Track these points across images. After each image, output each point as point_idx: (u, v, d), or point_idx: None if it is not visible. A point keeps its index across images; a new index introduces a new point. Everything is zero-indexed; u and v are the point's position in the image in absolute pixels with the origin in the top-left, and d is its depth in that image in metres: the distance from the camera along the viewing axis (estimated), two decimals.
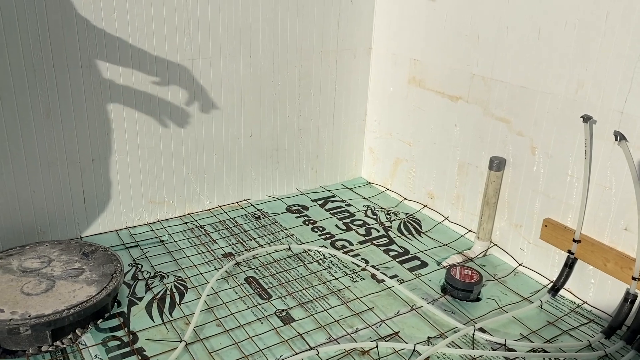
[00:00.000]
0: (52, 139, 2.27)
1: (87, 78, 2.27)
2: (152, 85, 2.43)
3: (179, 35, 2.42)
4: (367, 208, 2.91)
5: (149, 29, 2.34)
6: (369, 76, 3.08)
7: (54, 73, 2.20)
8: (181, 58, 2.46)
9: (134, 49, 2.33)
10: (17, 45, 2.09)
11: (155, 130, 2.50)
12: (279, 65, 2.74)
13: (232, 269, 2.28)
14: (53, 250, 2.19)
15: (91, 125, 2.34)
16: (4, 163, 2.20)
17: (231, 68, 2.61)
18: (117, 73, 2.32)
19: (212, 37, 2.51)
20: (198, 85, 2.54)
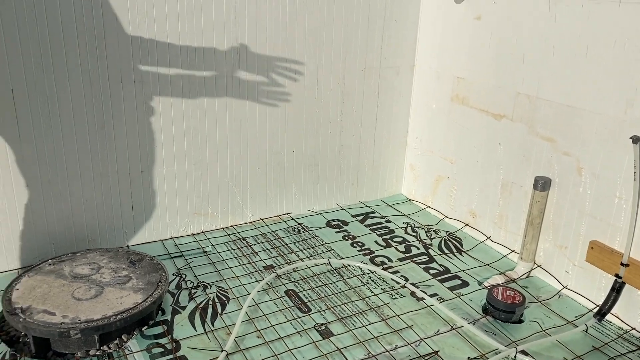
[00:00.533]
0: (105, 150, 2.37)
1: (139, 93, 2.37)
2: (200, 101, 2.51)
3: (227, 54, 2.50)
4: (407, 225, 2.90)
5: (199, 47, 2.43)
6: (411, 93, 3.09)
7: (109, 87, 2.30)
8: (228, 75, 2.53)
9: (183, 64, 2.42)
10: (76, 61, 2.20)
11: (202, 144, 2.58)
12: (322, 82, 2.79)
13: (272, 281, 2.31)
14: (102, 257, 2.27)
15: (141, 137, 2.43)
16: (60, 173, 2.31)
17: (276, 85, 2.67)
18: (167, 88, 2.41)
19: (259, 56, 2.57)
20: (244, 103, 2.61)
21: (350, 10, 2.74)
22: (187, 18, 2.36)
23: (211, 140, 2.60)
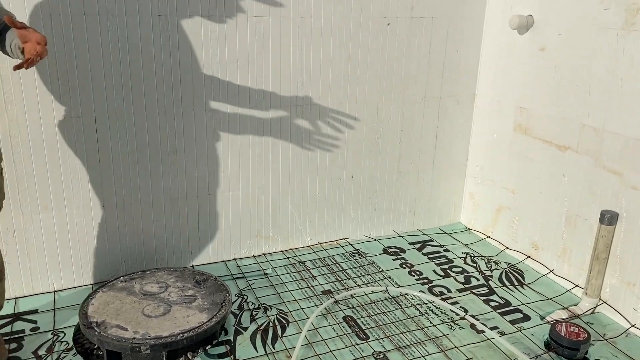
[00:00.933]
0: (176, 174, 2.50)
1: (209, 120, 2.49)
2: (265, 129, 2.61)
3: (293, 83, 2.59)
4: (466, 255, 2.88)
5: (266, 77, 2.54)
6: (471, 122, 3.09)
7: (182, 115, 2.44)
8: (293, 104, 2.63)
9: (251, 93, 2.53)
10: (153, 92, 2.36)
11: (266, 169, 2.67)
12: (383, 110, 2.84)
13: (331, 307, 2.35)
14: (170, 276, 2.38)
15: (210, 162, 2.55)
16: (134, 194, 2.45)
17: (337, 113, 2.74)
18: (235, 117, 2.53)
19: (322, 84, 2.66)
20: (306, 129, 2.70)
21: (411, 41, 2.79)
22: (255, 56, 2.48)
23: (274, 165, 2.69)
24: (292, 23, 2.52)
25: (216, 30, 2.39)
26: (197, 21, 2.35)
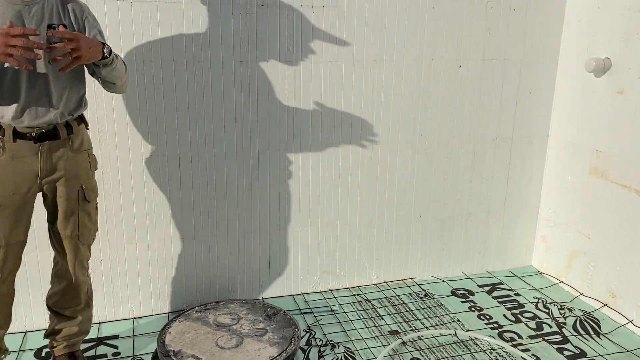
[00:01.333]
0: (250, 210, 2.61)
1: (282, 159, 2.60)
2: (336, 166, 2.68)
3: (364, 124, 2.67)
4: (538, 300, 2.79)
5: (338, 118, 2.62)
6: (544, 163, 3.04)
7: (258, 154, 2.56)
8: (364, 143, 2.69)
9: (323, 133, 2.62)
10: (232, 131, 2.49)
11: (334, 207, 2.74)
12: (453, 150, 2.85)
13: (398, 347, 2.35)
14: (242, 309, 2.47)
15: (282, 199, 2.65)
16: (210, 228, 2.57)
17: (406, 153, 2.78)
18: (307, 156, 2.62)
19: (393, 124, 2.71)
20: (375, 168, 2.75)
21: (483, 82, 2.80)
22: (328, 97, 2.58)
23: (343, 203, 2.75)
24: (365, 66, 2.60)
25: (292, 74, 2.51)
26: (275, 66, 2.48)
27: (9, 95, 1.71)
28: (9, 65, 1.66)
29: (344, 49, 2.55)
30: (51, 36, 1.67)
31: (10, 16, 1.67)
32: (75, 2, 1.81)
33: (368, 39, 2.57)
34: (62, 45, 1.65)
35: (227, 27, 2.38)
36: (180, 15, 2.31)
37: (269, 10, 2.41)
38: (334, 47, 2.53)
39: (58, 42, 1.69)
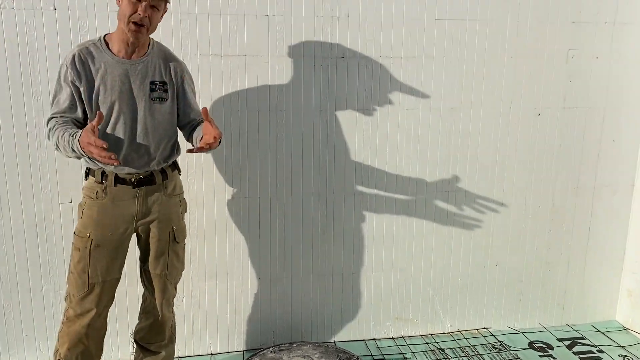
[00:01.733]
0: (324, 253, 2.67)
1: (357, 204, 2.65)
2: (410, 211, 2.70)
3: (440, 170, 2.68)
4: (624, 358, 2.64)
5: (414, 164, 2.65)
6: (630, 213, 2.91)
7: (333, 198, 2.62)
8: (439, 189, 2.70)
9: (398, 179, 2.66)
10: (309, 176, 2.58)
11: (408, 252, 2.74)
12: (531, 198, 2.80)
13: None
14: (315, 352, 2.50)
15: (356, 243, 2.69)
16: (285, 269, 2.65)
17: (483, 200, 2.75)
18: (382, 200, 2.66)
19: (469, 171, 2.71)
20: (451, 215, 2.74)
21: (563, 131, 2.75)
22: (404, 144, 2.62)
23: (417, 249, 2.75)
24: (442, 115, 2.63)
25: (369, 121, 2.58)
26: (352, 114, 2.56)
27: (112, 144, 1.88)
28: (111, 120, 1.84)
29: (421, 97, 2.60)
30: (209, 147, 1.79)
31: (119, 73, 1.85)
32: (175, 60, 1.98)
33: (445, 87, 2.61)
34: (209, 147, 1.78)
35: (308, 78, 2.50)
36: (266, 68, 2.45)
37: (349, 62, 2.51)
38: (411, 96, 2.59)
39: (158, 99, 1.87)
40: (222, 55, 2.41)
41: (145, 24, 1.80)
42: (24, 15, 2.22)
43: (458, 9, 2.54)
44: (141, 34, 1.82)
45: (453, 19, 2.55)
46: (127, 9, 1.78)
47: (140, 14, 1.78)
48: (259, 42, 2.42)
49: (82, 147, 1.68)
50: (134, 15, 1.78)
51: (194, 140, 1.97)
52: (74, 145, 1.72)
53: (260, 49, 2.43)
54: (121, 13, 1.81)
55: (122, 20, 1.81)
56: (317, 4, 2.43)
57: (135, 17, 1.78)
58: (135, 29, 1.80)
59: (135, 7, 1.78)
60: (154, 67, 1.91)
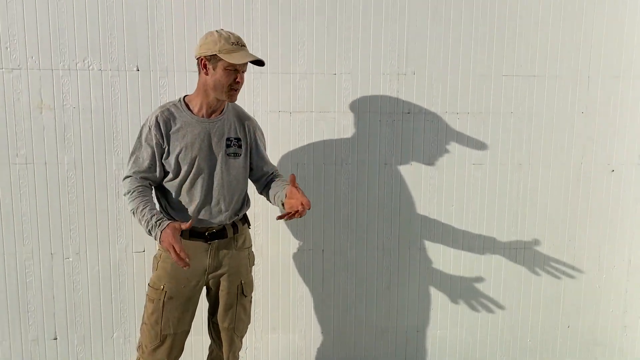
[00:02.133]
0: (388, 308, 2.63)
1: (423, 259, 2.61)
2: (477, 267, 2.63)
3: (507, 227, 2.62)
4: None
5: (481, 220, 2.61)
6: None
7: (398, 253, 2.60)
8: (507, 247, 2.63)
9: (465, 235, 2.61)
10: (373, 229, 2.58)
11: (475, 309, 2.66)
12: (606, 257, 2.68)
13: None
14: None
15: (421, 299, 2.64)
16: (348, 324, 2.62)
17: (553, 258, 2.66)
18: (448, 256, 2.62)
19: (538, 229, 2.63)
20: (519, 272, 2.65)
21: (627, 186, 2.64)
22: (470, 199, 2.59)
23: (484, 307, 2.66)
24: (509, 170, 2.59)
25: (435, 175, 2.57)
26: (418, 168, 2.56)
27: (188, 198, 1.95)
28: (190, 175, 1.92)
29: (488, 152, 2.58)
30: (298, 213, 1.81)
31: (198, 132, 1.94)
32: (248, 118, 2.06)
33: (513, 143, 2.58)
34: (299, 215, 1.82)
35: (374, 133, 2.53)
36: (333, 124, 2.51)
37: (414, 117, 2.53)
38: (477, 151, 2.57)
39: (233, 155, 1.94)
40: (291, 112, 2.49)
41: (240, 87, 1.92)
42: (109, 76, 2.38)
43: (526, 65, 2.53)
44: (236, 96, 1.94)
45: (521, 75, 2.54)
46: (225, 79, 1.88)
47: (240, 82, 1.89)
48: (326, 99, 2.49)
49: (162, 240, 1.79)
50: (234, 84, 1.89)
51: (272, 198, 2.01)
52: (152, 231, 1.82)
53: (327, 106, 2.49)
54: (217, 82, 1.89)
55: (218, 88, 1.90)
56: (383, 62, 2.49)
57: (235, 85, 1.89)
58: (233, 94, 1.92)
59: (234, 76, 1.89)
60: (229, 125, 2.00)
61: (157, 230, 1.81)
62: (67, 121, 2.39)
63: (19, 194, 2.42)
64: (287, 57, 2.44)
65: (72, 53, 2.35)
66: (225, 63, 1.86)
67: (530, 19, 2.51)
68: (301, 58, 2.45)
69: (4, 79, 2.34)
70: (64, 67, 2.35)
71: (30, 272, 2.47)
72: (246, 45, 1.92)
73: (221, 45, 1.85)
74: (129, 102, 2.40)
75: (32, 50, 2.34)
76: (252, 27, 2.41)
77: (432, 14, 2.47)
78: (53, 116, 2.38)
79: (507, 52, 2.52)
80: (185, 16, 2.38)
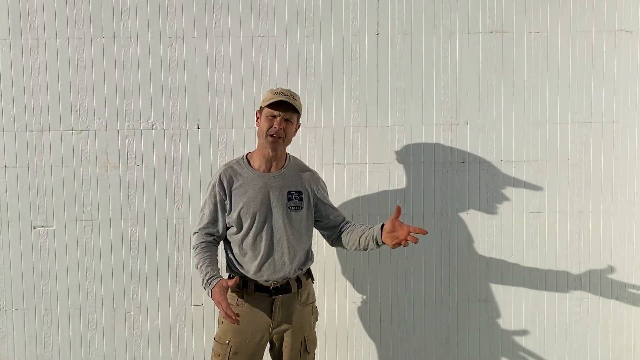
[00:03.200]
0: None
1: (483, 311, 2.55)
2: (541, 322, 2.55)
3: (570, 277, 2.54)
4: None
5: (541, 268, 2.54)
6: None
7: (457, 305, 2.55)
8: (571, 298, 2.54)
9: (525, 285, 2.54)
10: (431, 281, 2.54)
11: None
12: None
13: None
14: None
15: (482, 353, 2.56)
16: None
17: (620, 309, 2.55)
18: (509, 308, 2.55)
19: (602, 278, 2.54)
20: (585, 324, 2.56)
21: None
22: (530, 248, 2.54)
23: (549, 358, 2.57)
24: (569, 218, 2.54)
25: (492, 225, 2.54)
26: (474, 217, 2.54)
27: (252, 252, 1.98)
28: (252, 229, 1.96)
29: (547, 200, 2.53)
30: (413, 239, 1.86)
31: (259, 187, 1.98)
32: (309, 171, 2.10)
33: (572, 190, 2.53)
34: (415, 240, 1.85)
35: (428, 183, 2.53)
36: (387, 175, 2.53)
37: (469, 167, 2.53)
38: (535, 199, 2.53)
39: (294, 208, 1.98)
40: (345, 164, 2.52)
41: (281, 135, 1.95)
42: (171, 134, 2.47)
43: (582, 111, 2.52)
44: (278, 145, 1.97)
45: (577, 122, 2.52)
46: (264, 125, 1.96)
47: (276, 127, 1.94)
48: (379, 151, 2.52)
49: (212, 297, 1.85)
50: (271, 129, 1.94)
51: (359, 241, 2.00)
52: (206, 287, 1.90)
53: (381, 157, 2.52)
54: (260, 130, 1.98)
55: (261, 136, 1.98)
56: (436, 113, 2.51)
57: (272, 131, 1.94)
58: (273, 141, 1.95)
59: (271, 122, 1.95)
60: (290, 178, 2.04)
61: (208, 288, 1.88)
62: (130, 179, 2.48)
63: (84, 249, 2.50)
64: (340, 110, 2.50)
65: (137, 113, 2.46)
66: (265, 110, 1.96)
67: (583, 65, 2.51)
68: (355, 111, 2.50)
69: (73, 139, 2.46)
70: (129, 127, 2.47)
71: (93, 326, 2.52)
72: (291, 96, 1.97)
73: (265, 97, 1.99)
74: (189, 159, 2.48)
75: (100, 112, 2.46)
76: (306, 84, 2.48)
77: (483, 63, 2.50)
78: (118, 174, 2.48)
79: (561, 99, 2.51)
80: (243, 76, 2.47)
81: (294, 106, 1.95)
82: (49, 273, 2.50)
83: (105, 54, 2.44)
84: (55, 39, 2.43)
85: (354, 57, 2.49)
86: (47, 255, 2.50)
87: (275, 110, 1.94)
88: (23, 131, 2.45)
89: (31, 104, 2.45)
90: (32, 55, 2.43)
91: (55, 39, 2.43)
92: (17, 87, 2.44)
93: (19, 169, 2.46)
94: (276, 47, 2.47)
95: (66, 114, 2.45)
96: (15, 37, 2.43)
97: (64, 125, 2.46)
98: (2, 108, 2.44)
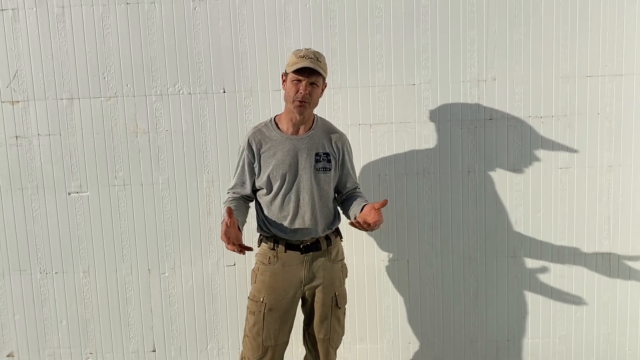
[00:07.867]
0: (476, 318, 2.60)
1: (511, 267, 2.57)
2: (569, 277, 2.56)
3: (599, 234, 2.54)
4: None
5: (570, 227, 2.54)
6: None
7: (485, 262, 2.57)
8: (599, 254, 2.54)
9: (555, 241, 2.54)
10: (459, 237, 2.56)
11: (568, 318, 2.59)
12: None
13: None
14: None
15: (510, 308, 2.59)
16: (437, 334, 2.61)
17: None
18: (537, 263, 2.56)
19: (632, 234, 2.53)
20: (614, 281, 2.56)
21: None
22: (558, 205, 2.53)
23: (577, 315, 2.58)
24: (599, 173, 2.51)
25: (520, 182, 2.53)
26: (502, 174, 2.53)
27: (282, 212, 2.02)
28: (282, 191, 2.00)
29: (576, 155, 2.51)
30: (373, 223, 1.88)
31: (287, 149, 2.01)
32: (337, 133, 2.11)
33: (602, 145, 2.50)
34: (368, 226, 1.88)
35: (456, 141, 2.52)
36: (413, 134, 2.52)
37: (497, 123, 2.51)
38: (564, 155, 2.51)
39: (322, 169, 2.00)
40: (371, 124, 2.52)
41: (307, 100, 1.96)
42: (198, 99, 2.49)
43: (613, 64, 2.46)
44: (304, 109, 1.97)
45: (607, 74, 2.47)
46: (290, 90, 1.96)
47: (302, 92, 1.94)
48: (406, 110, 2.51)
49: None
50: (297, 94, 1.94)
51: (350, 213, 2.06)
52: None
53: (407, 116, 2.51)
54: (286, 94, 1.98)
55: (288, 100, 1.99)
56: (462, 69, 2.48)
57: (298, 96, 1.94)
58: (299, 105, 1.96)
59: (297, 87, 1.95)
60: (318, 140, 2.05)
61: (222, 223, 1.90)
62: (160, 144, 2.52)
63: (117, 213, 2.56)
64: (366, 70, 2.48)
65: (164, 79, 2.48)
66: (290, 75, 1.95)
67: (615, 16, 2.44)
68: (380, 70, 2.48)
69: (102, 106, 2.50)
70: (157, 92, 2.49)
71: (129, 288, 2.61)
72: (316, 58, 1.95)
73: (290, 60, 1.98)
74: (217, 123, 2.50)
75: (127, 79, 2.49)
76: (330, 43, 2.46)
77: (511, 17, 2.45)
78: (147, 139, 2.52)
79: (591, 51, 2.46)
80: (267, 38, 2.46)
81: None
82: (85, 237, 2.58)
83: (130, 20, 2.45)
84: (81, 5, 2.44)
85: (379, 15, 2.45)
86: (82, 220, 2.57)
87: (300, 75, 1.94)
88: (54, 99, 2.50)
89: (60, 72, 2.48)
90: (59, 24, 2.45)
91: (80, 5, 2.44)
92: (46, 56, 2.47)
93: (51, 137, 2.52)
94: (299, 7, 2.45)
95: (94, 82, 2.49)
96: (41, 6, 2.45)
97: (92, 93, 2.49)
98: (33, 77, 2.48)
